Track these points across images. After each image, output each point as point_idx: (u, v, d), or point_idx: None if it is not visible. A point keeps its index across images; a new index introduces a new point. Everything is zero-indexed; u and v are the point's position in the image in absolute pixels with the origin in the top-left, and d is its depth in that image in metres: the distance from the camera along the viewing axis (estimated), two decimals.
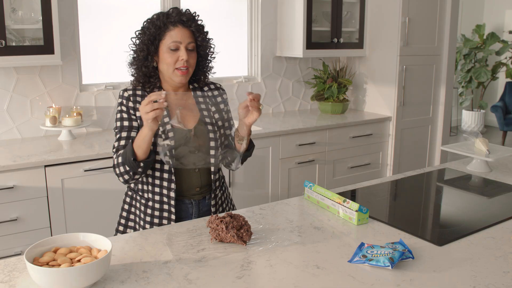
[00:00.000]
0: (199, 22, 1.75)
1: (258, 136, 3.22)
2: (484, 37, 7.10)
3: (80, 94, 3.20)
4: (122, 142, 1.70)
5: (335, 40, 3.89)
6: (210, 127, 1.77)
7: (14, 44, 2.74)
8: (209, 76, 1.89)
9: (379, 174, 4.02)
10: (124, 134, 1.70)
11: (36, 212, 2.57)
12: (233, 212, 1.76)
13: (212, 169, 1.79)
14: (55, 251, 1.29)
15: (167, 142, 1.66)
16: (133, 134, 1.70)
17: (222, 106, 1.85)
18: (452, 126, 7.76)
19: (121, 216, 1.86)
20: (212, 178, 1.80)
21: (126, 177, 1.67)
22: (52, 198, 2.60)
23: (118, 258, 1.39)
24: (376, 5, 3.99)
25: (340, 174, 3.77)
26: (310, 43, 3.77)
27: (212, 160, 1.75)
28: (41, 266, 1.20)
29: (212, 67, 1.87)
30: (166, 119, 1.72)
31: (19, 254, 2.50)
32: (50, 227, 2.62)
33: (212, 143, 1.75)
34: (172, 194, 1.74)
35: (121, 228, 1.84)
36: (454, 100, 7.58)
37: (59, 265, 1.22)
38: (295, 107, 4.22)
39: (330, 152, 3.67)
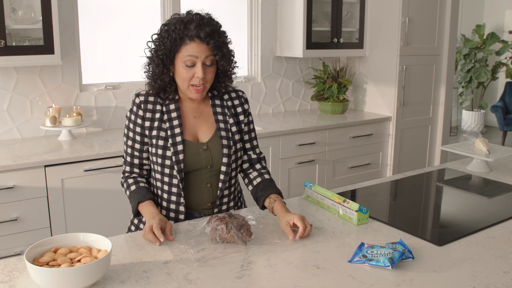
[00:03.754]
0: (220, 39, 1.61)
1: (258, 136, 3.22)
2: (484, 37, 7.10)
3: (80, 94, 3.20)
4: (128, 159, 1.72)
5: (335, 40, 3.89)
6: (225, 142, 1.71)
7: (14, 44, 2.74)
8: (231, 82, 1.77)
9: (379, 174, 4.02)
10: (129, 150, 1.71)
11: (36, 212, 2.57)
12: (233, 212, 1.76)
13: (220, 185, 1.72)
14: (55, 251, 1.29)
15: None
16: (136, 153, 1.70)
17: (241, 117, 1.78)
18: (452, 126, 7.76)
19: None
20: (218, 194, 1.73)
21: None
22: (52, 198, 2.60)
23: (118, 258, 1.38)
24: (376, 5, 3.99)
25: (340, 174, 3.77)
26: (310, 43, 3.77)
27: (222, 177, 1.71)
28: (41, 266, 1.20)
29: (233, 75, 1.74)
30: (177, 130, 1.66)
31: (19, 254, 2.50)
32: (50, 227, 2.62)
33: (225, 159, 1.70)
34: (182, 208, 1.70)
35: (133, 228, 1.79)
36: (454, 100, 7.58)
37: (59, 265, 1.22)
38: (295, 107, 4.22)
39: (330, 152, 3.67)
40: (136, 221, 1.78)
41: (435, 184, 2.23)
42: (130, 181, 1.70)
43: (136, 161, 1.72)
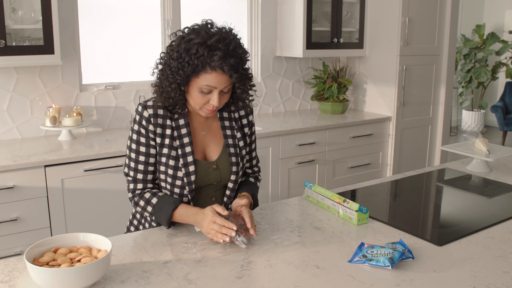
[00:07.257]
0: (243, 72, 1.52)
1: (258, 136, 3.22)
2: (484, 37, 7.10)
3: (80, 94, 3.20)
4: (140, 176, 1.61)
5: (335, 40, 3.89)
6: (233, 159, 1.68)
7: (14, 44, 2.74)
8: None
9: (379, 174, 4.02)
10: (140, 166, 1.60)
11: (36, 212, 2.57)
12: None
13: (225, 199, 1.72)
14: (55, 251, 1.29)
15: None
16: (150, 168, 1.61)
17: (246, 130, 1.76)
18: (452, 126, 7.76)
19: (133, 216, 1.77)
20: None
21: (143, 213, 1.64)
22: (52, 198, 2.60)
23: (118, 258, 1.39)
24: (376, 5, 3.99)
25: (340, 174, 3.77)
26: (310, 43, 3.77)
27: (228, 192, 1.71)
28: (41, 266, 1.20)
29: (249, 100, 1.66)
30: (188, 149, 1.61)
31: (19, 254, 2.50)
32: (50, 227, 2.62)
33: (233, 177, 1.69)
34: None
35: (132, 228, 1.77)
36: (454, 100, 7.58)
37: (59, 265, 1.22)
38: (295, 107, 4.22)
39: (330, 152, 3.67)
40: (135, 222, 1.76)
41: (435, 184, 2.22)
42: (147, 195, 1.61)
43: (149, 176, 1.63)
